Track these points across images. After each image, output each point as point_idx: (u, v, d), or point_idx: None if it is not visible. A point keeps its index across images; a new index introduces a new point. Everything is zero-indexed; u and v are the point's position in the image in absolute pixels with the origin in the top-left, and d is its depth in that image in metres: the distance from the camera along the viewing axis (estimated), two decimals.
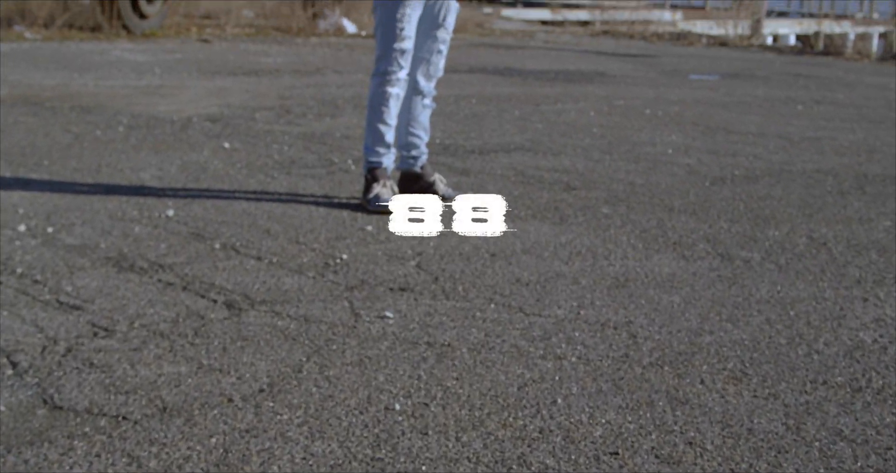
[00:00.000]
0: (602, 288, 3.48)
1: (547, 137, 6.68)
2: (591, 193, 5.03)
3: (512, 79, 10.30)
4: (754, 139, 6.96)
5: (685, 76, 11.50)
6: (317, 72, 10.21)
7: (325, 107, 7.61)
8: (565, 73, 11.18)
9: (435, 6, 4.36)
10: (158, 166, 5.25)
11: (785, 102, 9.17)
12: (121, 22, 13.13)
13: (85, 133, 6.12)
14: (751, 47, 17.70)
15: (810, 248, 4.15)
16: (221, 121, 6.75)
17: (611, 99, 8.81)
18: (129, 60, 10.38)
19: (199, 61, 10.65)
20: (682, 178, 5.51)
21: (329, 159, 5.63)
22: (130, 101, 7.54)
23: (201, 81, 9.01)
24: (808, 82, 11.27)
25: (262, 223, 4.18)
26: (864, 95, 10.09)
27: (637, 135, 6.93)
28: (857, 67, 14.22)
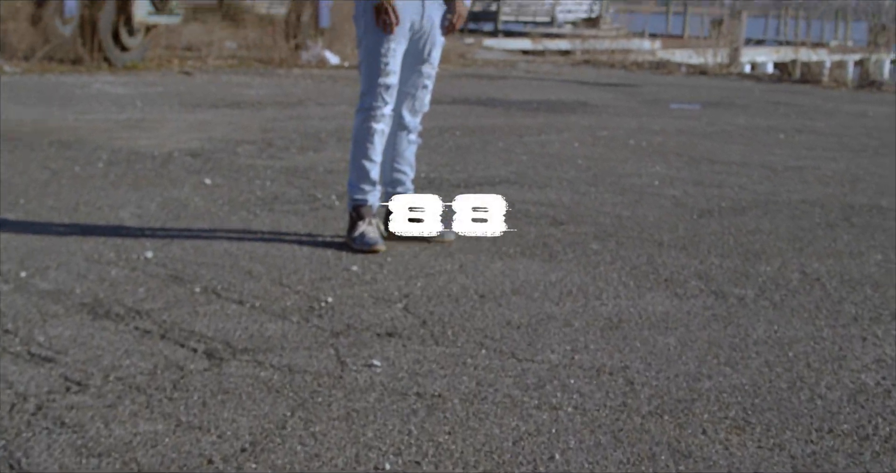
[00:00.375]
0: (595, 330, 3.38)
1: (532, 169, 6.61)
2: (579, 227, 4.95)
3: (495, 110, 10.25)
4: (738, 169, 6.92)
5: (666, 105, 11.48)
6: (299, 104, 10.14)
7: (308, 140, 7.53)
8: (548, 103, 11.15)
9: (420, 41, 4.29)
10: (138, 204, 5.14)
11: (766, 131, 9.15)
12: (102, 54, 13.04)
13: (63, 169, 6.01)
14: (730, 75, 17.76)
15: (804, 284, 4.07)
16: (203, 155, 6.65)
17: (594, 129, 8.76)
18: (110, 93, 10.28)
19: (180, 94, 10.56)
20: (670, 210, 5.44)
21: (312, 195, 5.53)
22: (111, 135, 7.43)
23: (183, 113, 8.92)
24: (788, 111, 11.27)
25: (243, 264, 4.08)
26: (843, 124, 10.09)
27: (622, 166, 6.87)
28: (835, 94, 14.26)
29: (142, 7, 13.06)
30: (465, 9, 4.31)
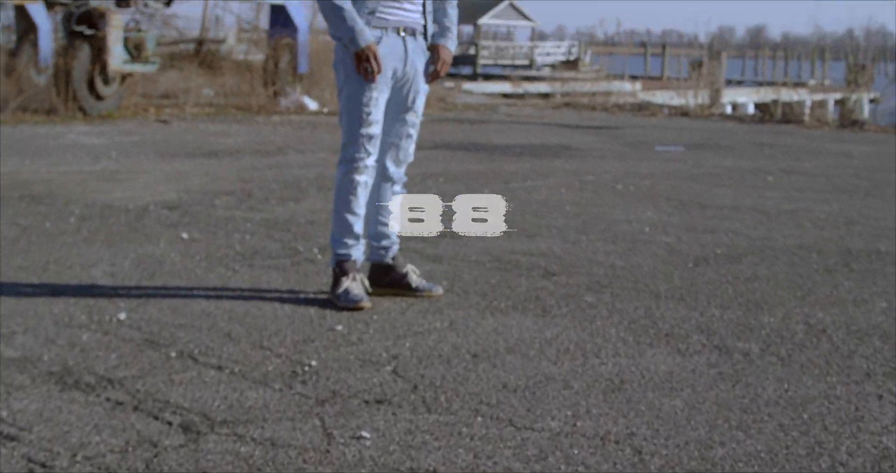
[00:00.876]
0: (597, 392, 3.19)
1: (519, 217, 6.44)
2: (571, 278, 4.77)
3: (478, 155, 10.11)
4: (730, 213, 6.77)
5: (651, 148, 11.38)
6: (279, 152, 9.97)
7: (288, 190, 7.34)
8: (531, 147, 11.02)
9: (403, 88, 4.12)
10: (111, 261, 4.93)
11: (754, 173, 9.03)
12: (77, 104, 12.86)
13: (34, 225, 5.79)
14: (711, 117, 17.74)
15: (810, 336, 3.89)
16: (180, 208, 6.46)
17: (580, 174, 8.62)
18: (84, 144, 10.08)
19: (157, 143, 10.37)
20: (664, 258, 5.27)
21: (294, 248, 5.34)
22: (84, 188, 7.23)
23: (159, 164, 8.72)
24: (774, 151, 11.18)
25: (222, 325, 3.87)
26: (830, 164, 9.99)
27: (611, 212, 6.71)
28: (818, 134, 14.22)
29: (117, 55, 12.91)
30: (450, 55, 4.16)
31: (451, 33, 4.18)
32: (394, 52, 4.03)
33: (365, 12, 3.98)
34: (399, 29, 4.04)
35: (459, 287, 4.54)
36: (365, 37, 3.92)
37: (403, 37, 4.06)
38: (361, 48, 3.92)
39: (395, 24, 4.04)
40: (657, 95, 21.88)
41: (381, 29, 4.01)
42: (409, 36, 4.07)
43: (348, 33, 3.92)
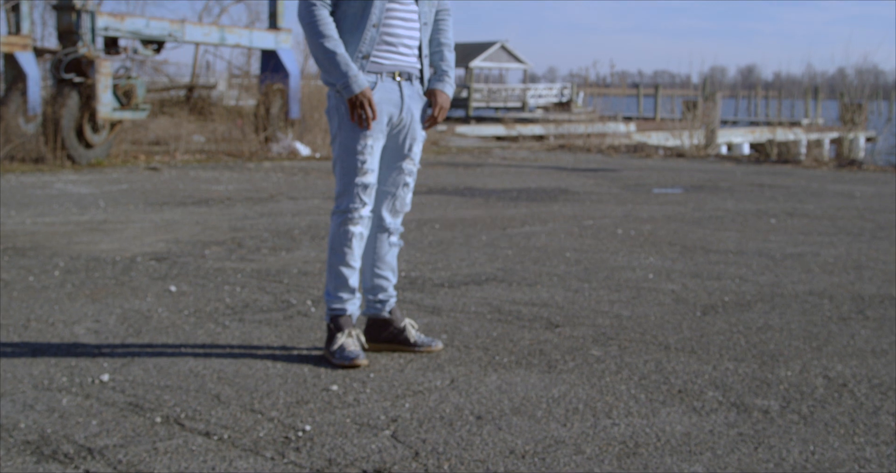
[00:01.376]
0: (610, 458, 2.97)
1: (519, 264, 6.25)
2: (576, 330, 4.57)
3: (474, 199, 9.94)
4: (735, 258, 6.59)
5: (649, 190, 11.23)
6: (270, 199, 9.79)
7: (280, 239, 7.15)
8: (528, 191, 10.86)
9: (399, 135, 3.95)
10: (95, 318, 4.72)
11: (757, 216, 8.87)
12: (65, 152, 12.71)
13: (16, 280, 5.59)
14: (707, 157, 17.65)
15: (831, 391, 3.69)
16: (168, 259, 6.26)
17: (579, 219, 8.45)
18: (72, 193, 9.90)
19: (146, 192, 10.19)
20: (671, 308, 5.07)
21: (286, 301, 5.13)
22: (70, 239, 7.03)
23: (148, 213, 8.54)
24: (775, 193, 11.03)
25: (211, 387, 3.65)
26: (833, 205, 9.84)
27: (613, 258, 6.52)
28: (818, 174, 14.10)
29: (106, 103, 12.77)
30: (448, 100, 3.99)
31: (449, 78, 4.01)
32: (389, 97, 3.86)
33: (359, 57, 3.82)
34: (394, 74, 3.88)
35: (460, 341, 4.34)
36: (359, 82, 3.75)
37: (399, 82, 3.89)
38: (355, 94, 3.75)
39: (391, 68, 3.87)
40: (652, 136, 21.80)
41: (376, 74, 3.85)
42: (404, 81, 3.91)
43: (342, 79, 3.75)
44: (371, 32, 3.82)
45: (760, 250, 6.93)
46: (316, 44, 3.79)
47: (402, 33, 3.88)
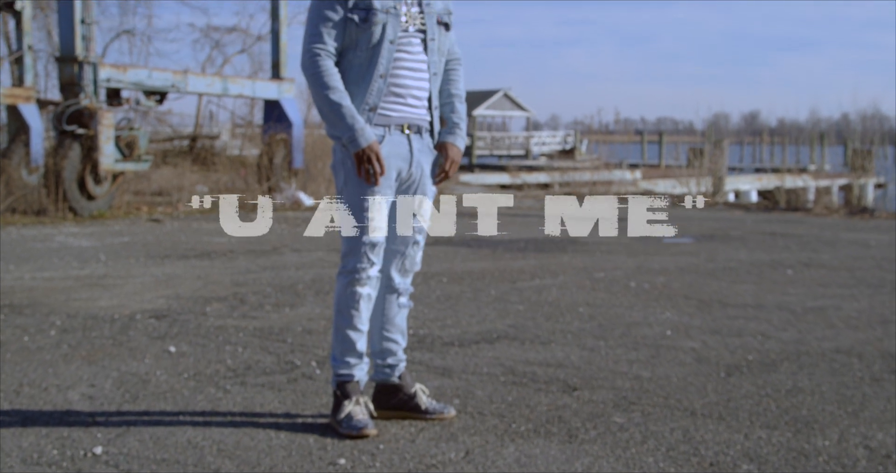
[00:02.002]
0: None
1: (531, 321, 6.03)
2: (595, 394, 4.33)
3: (481, 250, 9.73)
4: (754, 313, 6.37)
5: (659, 240, 11.03)
6: (274, 251, 9.59)
7: (283, 294, 6.93)
8: (535, 241, 10.66)
9: (409, 191, 3.75)
10: (91, 382, 4.49)
11: (772, 267, 8.65)
12: (67, 204, 12.54)
13: (11, 340, 5.37)
14: (716, 205, 17.48)
15: (874, 463, 3.45)
16: (168, 317, 6.04)
17: (590, 271, 8.23)
18: (72, 247, 9.71)
19: (147, 244, 10.00)
20: (693, 368, 4.84)
21: (290, 362, 4.91)
22: (69, 296, 6.82)
23: (149, 267, 8.33)
24: (788, 242, 10.83)
25: (210, 460, 3.42)
26: (850, 255, 9.63)
27: (629, 314, 6.30)
28: (829, 222, 13.91)
29: (109, 154, 12.63)
30: (459, 153, 3.80)
31: (460, 130, 3.83)
32: (398, 151, 3.66)
33: (365, 109, 3.63)
34: (403, 126, 3.69)
35: (473, 407, 4.11)
36: (366, 136, 3.56)
37: (408, 135, 3.70)
38: (362, 148, 3.56)
39: (399, 121, 3.68)
40: (659, 184, 21.66)
41: (384, 127, 3.66)
42: (414, 134, 3.71)
43: (348, 132, 3.56)
44: (378, 83, 3.63)
45: (780, 304, 6.70)
46: (320, 95, 3.60)
47: (411, 84, 3.70)
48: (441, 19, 3.74)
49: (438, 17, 3.74)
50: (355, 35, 3.62)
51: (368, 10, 3.60)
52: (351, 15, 3.60)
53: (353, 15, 3.60)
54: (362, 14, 3.60)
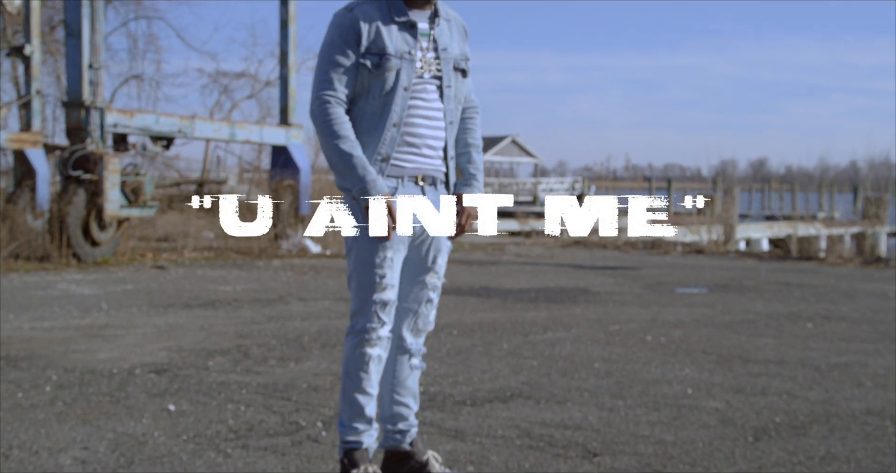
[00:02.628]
0: None
1: (546, 377, 5.80)
2: (617, 460, 4.10)
3: (491, 301, 9.51)
4: (777, 369, 6.13)
5: (673, 290, 10.81)
6: (279, 300, 9.38)
7: (288, 347, 6.71)
8: (546, 291, 10.44)
9: (423, 246, 3.55)
10: (84, 444, 4.27)
11: (791, 320, 8.41)
12: (71, 250, 12.37)
13: (4, 397, 5.15)
14: (727, 254, 17.26)
15: None
16: (169, 371, 5.82)
17: (604, 323, 8.00)
18: (74, 294, 9.51)
19: (151, 292, 9.80)
20: (718, 431, 4.60)
21: (295, 422, 4.67)
22: (67, 347, 6.60)
23: (152, 317, 8.12)
24: (805, 293, 10.59)
25: None
26: (870, 308, 9.39)
27: (646, 370, 6.06)
28: (845, 272, 13.67)
29: (114, 200, 12.48)
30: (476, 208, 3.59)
31: (478, 181, 3.63)
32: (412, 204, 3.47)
33: (378, 159, 3.43)
34: (417, 178, 3.49)
35: None
36: (378, 188, 3.35)
37: (422, 187, 3.50)
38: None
39: (413, 172, 3.48)
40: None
41: (397, 178, 3.46)
42: (428, 185, 3.51)
43: (359, 184, 3.36)
44: (391, 132, 3.44)
45: (803, 360, 6.46)
46: (330, 145, 3.40)
47: (426, 133, 3.50)
48: (458, 65, 3.57)
49: (455, 62, 3.56)
50: (368, 81, 3.43)
51: (382, 55, 3.42)
52: (363, 60, 3.42)
53: (365, 60, 3.42)
54: (375, 59, 3.42)
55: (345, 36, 3.42)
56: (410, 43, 3.46)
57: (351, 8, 3.47)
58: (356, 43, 3.41)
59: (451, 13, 3.62)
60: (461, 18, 3.66)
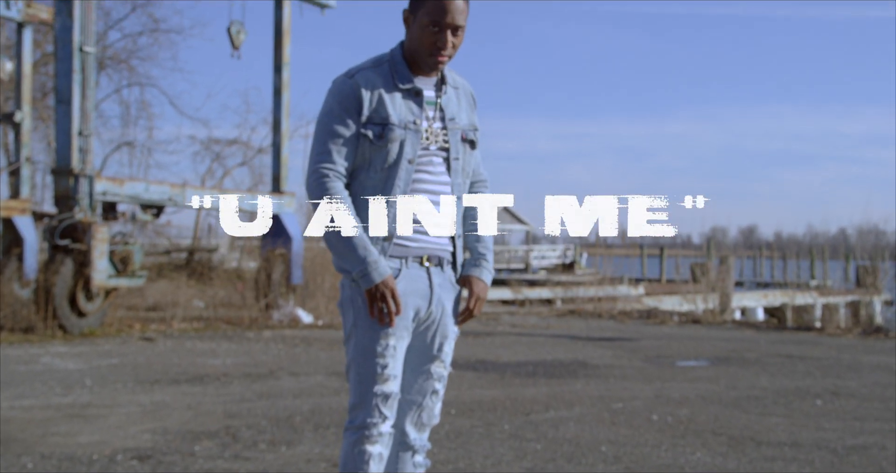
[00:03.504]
0: None
1: (552, 462, 5.51)
2: None
3: (489, 375, 9.22)
4: (792, 453, 5.85)
5: (673, 363, 10.55)
6: (270, 375, 9.07)
7: (279, 429, 6.40)
8: (544, 365, 10.16)
9: (427, 333, 3.29)
10: None
11: (799, 396, 8.14)
12: (57, 322, 12.04)
13: None
14: (724, 324, 17.03)
15: None
16: (153, 459, 5.51)
17: (607, 401, 7.71)
18: (58, 370, 9.19)
19: (137, 367, 9.49)
20: None
21: None
22: (46, 429, 6.29)
23: (137, 394, 7.81)
24: (808, 367, 10.33)
25: None
26: (877, 382, 9.12)
27: (656, 454, 5.78)
28: (845, 343, 13.42)
29: (102, 270, 12.19)
30: (486, 289, 3.35)
31: (487, 262, 3.39)
32: (416, 287, 3.22)
33: (380, 239, 3.19)
34: (422, 258, 3.25)
35: None
36: (380, 270, 3.11)
37: (428, 268, 3.26)
38: (376, 284, 3.11)
39: (418, 252, 3.24)
40: (664, 301, 21.24)
41: (401, 259, 3.22)
42: (434, 266, 3.27)
43: (359, 266, 3.12)
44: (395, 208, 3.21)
45: (817, 442, 6.19)
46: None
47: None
48: (466, 136, 3.34)
49: (463, 133, 3.33)
50: (369, 153, 3.20)
51: (385, 125, 3.19)
52: (365, 130, 3.19)
53: (367, 130, 3.19)
54: (377, 130, 3.19)
55: (345, 104, 3.20)
56: (416, 112, 3.25)
57: (351, 74, 3.25)
58: (357, 112, 3.19)
59: (458, 80, 3.41)
60: (469, 86, 3.45)
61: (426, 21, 3.17)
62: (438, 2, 3.16)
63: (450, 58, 3.24)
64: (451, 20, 3.17)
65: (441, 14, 3.16)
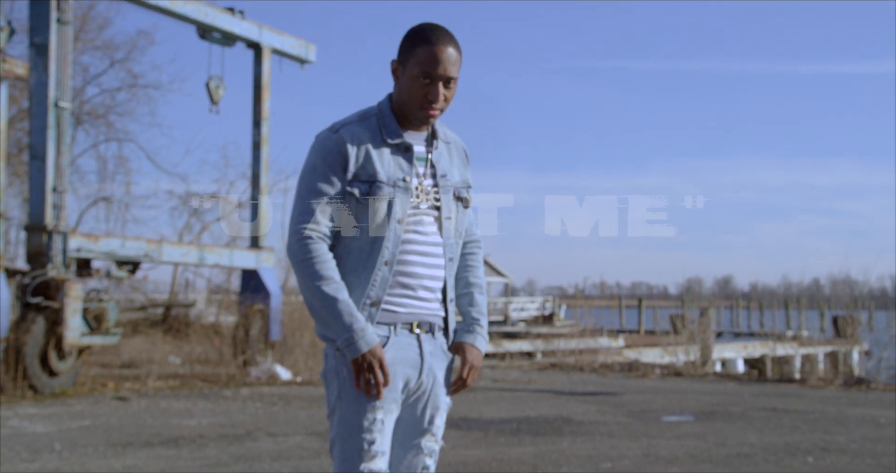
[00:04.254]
0: None
1: None
2: None
3: (472, 434, 9.02)
4: None
5: (658, 418, 10.39)
6: (247, 436, 8.84)
7: None
8: (528, 421, 9.97)
9: (418, 404, 3.13)
10: None
11: (790, 453, 7.99)
12: (27, 382, 11.74)
13: None
14: (706, 376, 16.91)
15: None
16: None
17: (595, 461, 7.54)
18: (26, 433, 8.92)
19: (109, 428, 9.23)
20: None
21: None
22: None
23: (108, 458, 7.57)
24: (794, 420, 10.20)
25: None
26: (866, 437, 8.99)
27: None
28: (828, 395, 13.32)
29: (74, 328, 11.94)
30: (480, 357, 3.19)
31: (481, 327, 3.23)
32: (405, 356, 3.06)
33: (367, 304, 3.03)
34: (412, 325, 3.09)
35: None
36: (367, 338, 2.95)
37: (418, 335, 3.10)
38: (362, 354, 2.95)
39: (407, 318, 3.08)
40: (645, 353, 21.10)
41: (389, 325, 3.06)
42: (425, 333, 3.11)
43: (344, 334, 2.96)
44: (383, 272, 3.05)
45: None
46: (311, 288, 2.99)
47: (423, 272, 3.10)
48: (459, 194, 3.19)
49: (456, 191, 3.18)
50: (356, 212, 3.05)
51: (372, 182, 3.04)
52: (350, 188, 3.03)
53: (353, 188, 3.03)
54: (364, 187, 3.04)
55: (329, 160, 3.05)
56: (405, 168, 3.10)
57: (336, 129, 3.10)
58: (342, 168, 3.04)
59: (450, 135, 3.27)
60: (461, 141, 3.31)
61: (416, 72, 3.03)
62: (430, 51, 3.02)
63: (441, 111, 3.10)
64: (444, 71, 3.03)
65: (433, 65, 3.02)
